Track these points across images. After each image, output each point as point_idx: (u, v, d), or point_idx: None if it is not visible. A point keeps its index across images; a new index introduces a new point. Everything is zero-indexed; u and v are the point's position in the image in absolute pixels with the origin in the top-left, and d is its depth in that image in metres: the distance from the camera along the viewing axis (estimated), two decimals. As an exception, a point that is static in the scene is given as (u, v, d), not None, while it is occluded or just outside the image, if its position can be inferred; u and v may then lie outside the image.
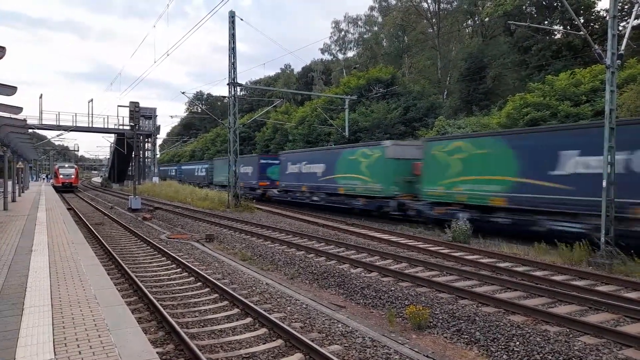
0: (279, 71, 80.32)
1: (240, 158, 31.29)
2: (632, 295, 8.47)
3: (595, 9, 30.70)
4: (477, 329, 6.79)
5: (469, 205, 16.12)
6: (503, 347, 6.22)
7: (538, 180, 13.81)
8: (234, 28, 25.92)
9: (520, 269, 10.67)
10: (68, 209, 23.13)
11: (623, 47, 11.85)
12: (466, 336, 6.66)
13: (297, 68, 75.33)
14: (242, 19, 26.47)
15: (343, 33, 60.25)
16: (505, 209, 14.91)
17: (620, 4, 14.28)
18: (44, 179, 77.53)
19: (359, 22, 58.87)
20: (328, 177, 24.69)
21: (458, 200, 16.53)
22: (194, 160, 61.17)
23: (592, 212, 12.03)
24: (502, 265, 11.06)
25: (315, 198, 25.84)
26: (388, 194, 20.03)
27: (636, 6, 12.98)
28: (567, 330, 6.64)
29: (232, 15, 25.85)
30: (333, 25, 61.12)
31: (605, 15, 28.59)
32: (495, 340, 6.41)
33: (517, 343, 6.25)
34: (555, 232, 13.06)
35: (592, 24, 30.36)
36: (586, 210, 12.40)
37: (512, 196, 14.53)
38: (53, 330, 4.59)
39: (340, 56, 62.18)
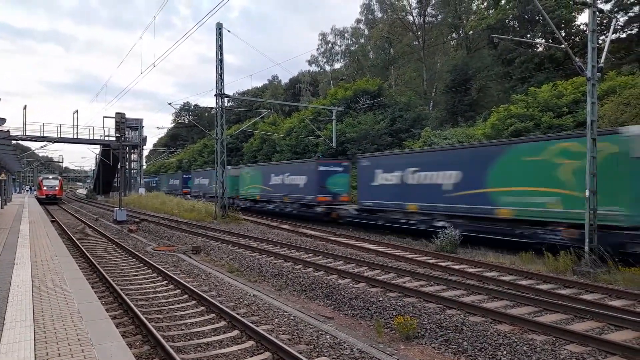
0: (267, 82, 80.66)
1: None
2: (616, 303, 8.59)
3: (576, 22, 31.55)
4: (465, 338, 6.81)
5: None
6: (490, 356, 6.24)
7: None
8: (221, 40, 25.99)
9: (507, 278, 10.76)
10: (52, 222, 22.73)
11: (603, 59, 12.16)
12: (454, 346, 6.67)
13: (285, 79, 75.76)
14: (229, 31, 26.62)
15: (330, 45, 60.79)
16: None
17: (599, 19, 14.67)
18: (27, 190, 76.17)
19: (346, 35, 59.47)
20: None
21: None
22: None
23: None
24: (488, 274, 11.13)
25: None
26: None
27: (614, 21, 13.35)
28: (553, 339, 6.69)
29: (219, 27, 25.93)
30: (320, 37, 61.69)
31: (585, 29, 29.33)
32: (483, 349, 6.43)
33: (505, 352, 6.28)
34: None
35: (573, 37, 31.14)
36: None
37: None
38: (35, 345, 4.49)
39: (328, 68, 62.66)
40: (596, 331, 7.10)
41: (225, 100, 27.37)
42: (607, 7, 28.86)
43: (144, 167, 67.10)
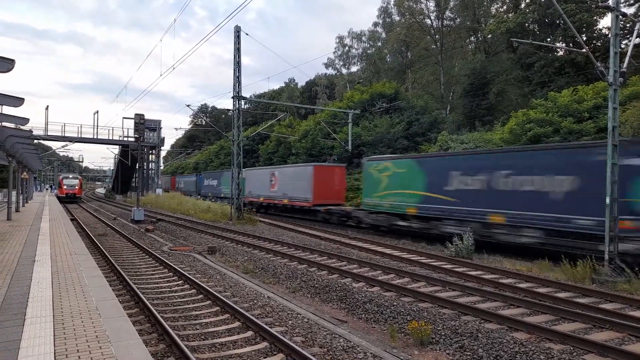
0: (283, 85, 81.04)
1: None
2: (637, 313, 8.40)
3: (598, 26, 30.96)
4: (480, 345, 6.73)
5: None
6: (506, 364, 6.15)
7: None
8: (239, 42, 26.21)
9: (524, 285, 10.60)
10: (71, 220, 23.18)
11: (625, 64, 11.93)
12: (469, 353, 6.60)
13: (301, 82, 76.09)
14: (247, 34, 26.76)
15: (347, 48, 60.81)
16: None
17: (622, 22, 14.41)
18: (47, 189, 77.79)
19: (363, 38, 59.44)
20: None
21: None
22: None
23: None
24: (505, 281, 10.98)
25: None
26: None
27: (638, 24, 13.08)
28: (571, 348, 6.57)
29: (237, 30, 26.17)
30: (337, 40, 61.80)
31: (607, 33, 28.79)
32: (499, 357, 6.35)
33: (520, 360, 6.18)
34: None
35: (594, 42, 30.57)
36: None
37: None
38: (54, 341, 4.58)
39: (344, 71, 62.69)
40: (616, 342, 6.94)
41: (242, 102, 27.59)
42: (630, 10, 28.33)
43: (162, 167, 68.05)
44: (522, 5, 35.52)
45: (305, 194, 26.45)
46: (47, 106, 47.67)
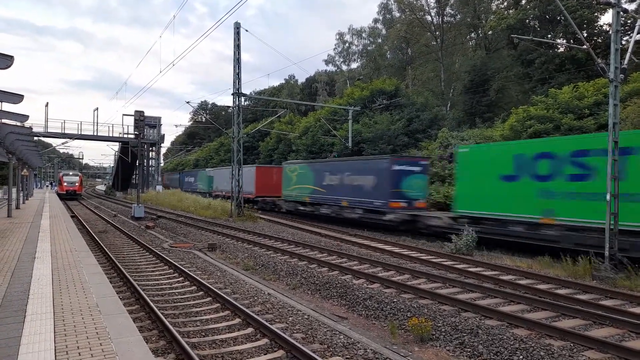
0: (283, 81, 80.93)
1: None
2: (637, 310, 8.40)
3: (598, 23, 30.90)
4: (480, 342, 6.74)
5: None
6: (506, 360, 6.16)
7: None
8: (239, 39, 26.14)
9: (524, 281, 10.61)
10: (72, 217, 23.20)
11: (626, 61, 11.90)
12: (469, 349, 6.61)
13: (301, 79, 75.95)
14: (247, 30, 26.72)
15: (347, 45, 60.68)
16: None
17: (622, 19, 14.37)
18: (47, 186, 77.80)
19: (363, 34, 59.29)
20: None
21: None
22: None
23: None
24: (505, 277, 10.99)
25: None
26: None
27: (639, 21, 13.04)
28: (571, 344, 6.58)
29: (237, 27, 26.10)
30: (337, 36, 61.63)
31: (608, 29, 28.72)
32: (499, 353, 6.36)
33: (521, 357, 6.20)
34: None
35: (595, 38, 30.51)
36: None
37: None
38: (55, 338, 4.59)
39: (344, 67, 62.58)
40: (616, 338, 6.95)
41: (242, 99, 27.54)
42: (631, 7, 28.26)
43: (162, 164, 68.10)
44: (523, 2, 35.40)
45: (250, 188, 33.31)
46: (47, 103, 47.69)
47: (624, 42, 22.42)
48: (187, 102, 47.84)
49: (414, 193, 20.72)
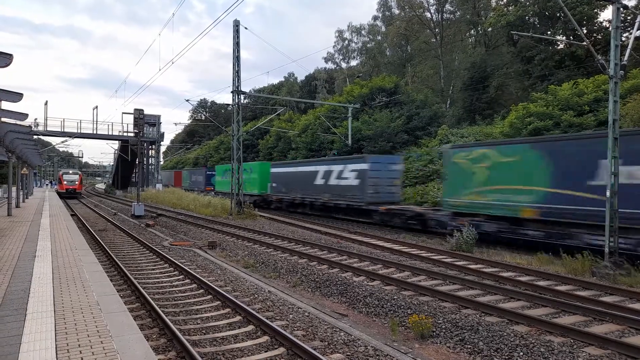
0: (283, 79, 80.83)
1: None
2: (637, 306, 8.41)
3: (598, 19, 30.82)
4: (481, 338, 6.75)
5: None
6: (506, 357, 6.18)
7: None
8: (238, 37, 26.09)
9: (524, 278, 10.62)
10: (72, 215, 23.20)
11: (626, 57, 11.88)
12: (469, 346, 6.62)
13: (301, 76, 75.85)
14: (246, 28, 26.64)
15: (346, 42, 60.63)
16: None
17: (622, 15, 14.34)
18: (47, 185, 77.77)
19: (363, 32, 59.24)
20: None
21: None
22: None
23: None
24: (505, 274, 11.00)
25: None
26: None
27: (639, 17, 13.02)
28: (572, 341, 6.59)
29: (236, 25, 26.04)
30: (337, 34, 61.56)
31: (607, 26, 28.67)
32: (499, 350, 6.37)
33: (521, 353, 6.21)
34: None
35: (595, 35, 30.44)
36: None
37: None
38: (55, 336, 4.59)
39: (344, 65, 62.54)
40: (616, 334, 6.96)
41: (242, 97, 27.51)
42: (631, 3, 28.23)
43: (161, 162, 68.07)
44: (523, -2, 35.33)
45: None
46: (47, 101, 48.05)
47: (623, 39, 22.39)
48: (187, 100, 47.69)
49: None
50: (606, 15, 30.34)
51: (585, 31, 29.38)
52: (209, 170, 49.24)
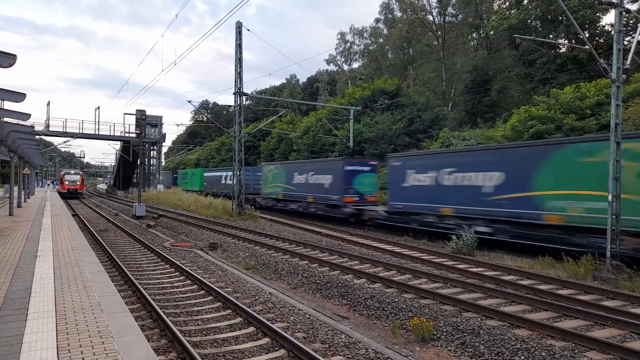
0: (285, 81, 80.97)
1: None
2: (639, 310, 8.38)
3: (600, 23, 30.83)
4: (482, 342, 6.73)
5: None
6: (508, 361, 6.16)
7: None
8: (240, 38, 26.13)
9: (525, 282, 10.60)
10: (73, 215, 23.21)
11: (629, 61, 11.87)
12: (470, 349, 6.60)
13: (303, 78, 75.98)
14: (248, 29, 26.69)
15: (349, 44, 60.76)
16: None
17: (625, 19, 14.34)
18: (49, 185, 77.85)
19: (365, 34, 59.34)
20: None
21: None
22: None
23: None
24: (506, 278, 10.98)
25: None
26: None
27: (642, 21, 13.01)
28: (573, 345, 6.57)
29: (239, 26, 26.09)
30: (339, 36, 61.74)
31: (610, 29, 28.68)
32: (500, 354, 6.35)
33: (522, 357, 6.19)
34: None
35: (597, 38, 30.45)
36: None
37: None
38: (57, 336, 4.59)
39: (346, 67, 62.66)
40: (618, 339, 6.94)
41: (244, 98, 27.53)
42: (634, 7, 28.20)
43: (163, 163, 68.17)
44: (525, 2, 35.36)
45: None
46: (49, 102, 47.80)
47: (626, 43, 22.40)
48: (189, 102, 47.97)
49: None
50: (608, 19, 30.34)
51: (587, 35, 29.37)
52: (175, 174, 68.42)
